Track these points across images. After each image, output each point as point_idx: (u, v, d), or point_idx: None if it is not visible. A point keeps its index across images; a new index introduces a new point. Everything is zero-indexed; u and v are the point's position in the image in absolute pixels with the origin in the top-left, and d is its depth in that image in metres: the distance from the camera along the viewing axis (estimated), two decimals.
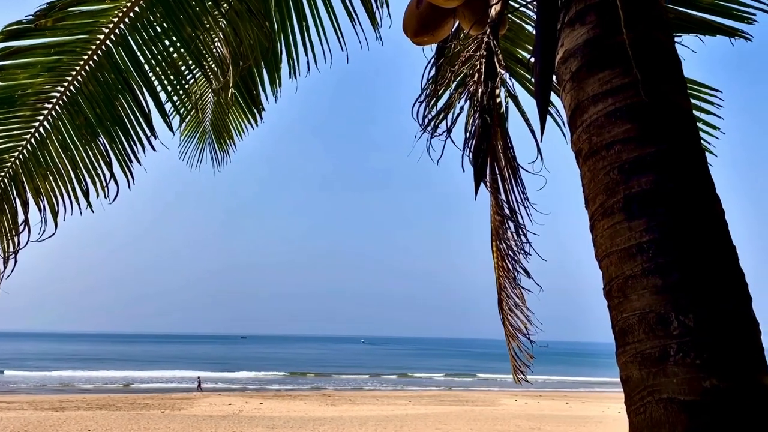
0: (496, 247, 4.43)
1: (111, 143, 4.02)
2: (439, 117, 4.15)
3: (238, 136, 5.37)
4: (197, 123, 5.55)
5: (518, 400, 37.46)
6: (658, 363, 1.99)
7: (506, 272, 4.40)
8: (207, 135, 5.60)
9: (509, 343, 4.60)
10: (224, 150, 5.54)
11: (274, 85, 4.54)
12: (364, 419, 25.92)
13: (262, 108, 4.78)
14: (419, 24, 3.64)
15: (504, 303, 4.52)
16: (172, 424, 23.63)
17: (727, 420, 1.91)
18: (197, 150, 5.67)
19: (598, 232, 2.23)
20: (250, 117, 5.03)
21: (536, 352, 4.50)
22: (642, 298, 2.05)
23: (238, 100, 4.94)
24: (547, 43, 2.40)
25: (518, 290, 4.36)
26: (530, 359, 4.55)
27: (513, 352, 4.61)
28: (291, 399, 36.21)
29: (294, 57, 4.36)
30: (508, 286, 4.42)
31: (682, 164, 2.14)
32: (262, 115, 4.90)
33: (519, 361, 4.63)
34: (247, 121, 5.11)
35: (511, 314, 4.47)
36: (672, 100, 2.22)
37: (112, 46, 3.85)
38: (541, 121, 2.48)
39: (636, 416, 2.06)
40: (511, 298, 4.44)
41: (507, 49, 4.56)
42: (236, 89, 4.76)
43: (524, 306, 4.37)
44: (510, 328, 4.52)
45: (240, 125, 5.26)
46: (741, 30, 3.87)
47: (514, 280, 4.35)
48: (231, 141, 5.45)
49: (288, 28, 4.29)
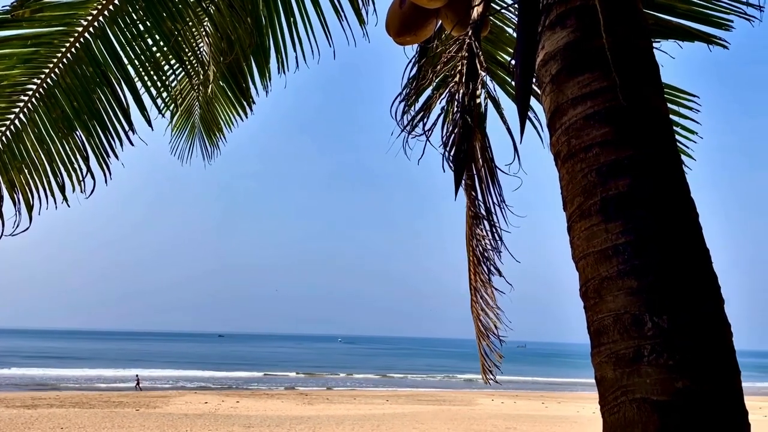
0: (471, 247, 4.46)
1: (88, 137, 3.97)
2: (418, 117, 4.17)
3: (227, 128, 5.39)
4: (187, 117, 5.54)
5: (495, 400, 37.67)
6: (632, 363, 2.02)
7: (480, 273, 4.42)
8: (197, 129, 5.59)
9: (479, 342, 4.63)
10: (214, 143, 5.56)
11: (264, 79, 4.55)
12: (341, 418, 25.89)
13: (252, 101, 4.79)
14: (402, 24, 3.65)
15: (476, 303, 4.55)
16: (146, 422, 23.39)
17: (697, 420, 1.94)
18: (187, 144, 5.68)
19: (576, 234, 2.25)
20: (239, 110, 5.04)
21: (514, 352, 4.54)
22: (617, 299, 2.08)
23: (227, 93, 4.95)
24: (528, 46, 2.42)
25: (490, 291, 4.39)
26: (500, 359, 4.58)
27: (483, 352, 4.64)
28: (268, 398, 36.03)
29: (282, 52, 4.36)
30: (481, 287, 4.45)
31: (658, 168, 2.17)
32: (252, 108, 4.92)
33: (489, 361, 4.66)
34: (237, 114, 5.13)
35: (483, 314, 4.50)
36: (649, 105, 2.25)
37: (90, 39, 3.80)
38: (521, 123, 2.49)
39: (610, 416, 2.09)
40: (484, 299, 4.46)
41: (488, 52, 4.59)
42: (225, 82, 4.78)
43: (495, 306, 4.40)
44: (481, 328, 4.54)
45: (229, 118, 5.27)
46: (718, 36, 3.94)
47: (489, 281, 4.37)
48: (221, 134, 5.47)
49: (276, 23, 4.28)
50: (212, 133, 5.48)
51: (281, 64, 4.41)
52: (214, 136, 5.50)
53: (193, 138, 5.65)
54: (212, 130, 5.46)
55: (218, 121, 5.36)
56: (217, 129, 5.42)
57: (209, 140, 5.55)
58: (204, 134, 5.55)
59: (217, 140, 5.52)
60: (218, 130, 5.43)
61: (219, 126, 5.39)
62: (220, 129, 5.41)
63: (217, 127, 5.40)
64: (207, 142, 5.58)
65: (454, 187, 3.68)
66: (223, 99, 5.09)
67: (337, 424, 24.22)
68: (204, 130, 5.53)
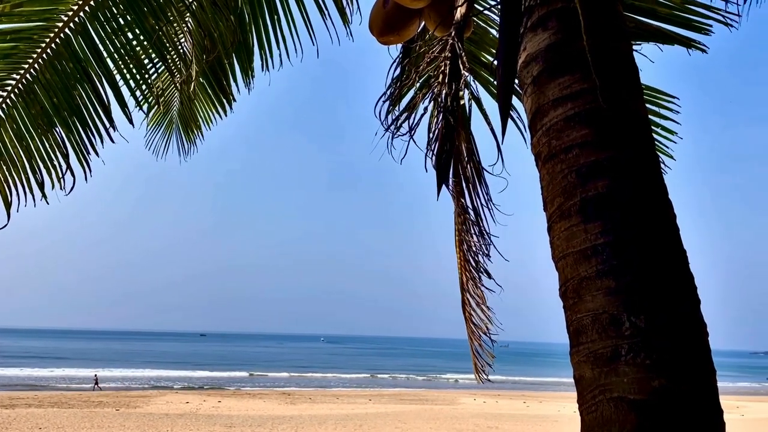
0: (460, 247, 4.47)
1: (68, 134, 3.93)
2: (402, 117, 4.17)
3: (206, 126, 5.35)
4: (165, 112, 5.49)
5: (477, 400, 37.82)
6: (609, 363, 2.04)
7: (469, 272, 4.44)
8: (174, 124, 5.54)
9: (471, 342, 4.65)
10: (191, 140, 5.51)
11: (247, 77, 4.52)
12: (324, 418, 25.84)
13: (233, 98, 4.76)
14: (385, 23, 3.65)
15: (467, 303, 4.56)
16: (127, 422, 23.17)
17: (673, 419, 1.97)
18: (164, 139, 5.62)
19: (555, 234, 2.27)
20: (219, 107, 5.01)
21: (497, 351, 4.55)
22: (596, 299, 2.10)
23: (207, 91, 4.92)
24: (510, 47, 2.43)
25: (480, 290, 4.41)
26: (491, 358, 4.60)
27: (475, 352, 4.65)
28: (250, 397, 35.85)
29: (266, 50, 4.34)
30: (471, 287, 4.47)
31: (636, 169, 2.20)
32: (232, 106, 4.89)
33: (481, 360, 4.68)
34: (216, 112, 5.09)
35: (474, 314, 4.52)
36: (629, 107, 2.27)
37: (71, 35, 3.77)
38: (502, 123, 2.51)
39: (588, 415, 2.11)
40: (474, 298, 4.48)
41: (471, 52, 4.60)
42: (205, 79, 4.74)
43: (486, 306, 4.42)
44: (472, 328, 4.56)
45: (208, 115, 5.23)
46: (697, 41, 3.99)
47: (478, 280, 4.39)
48: (199, 131, 5.42)
49: (259, 20, 4.27)
50: (190, 129, 5.44)
51: (265, 62, 4.40)
52: (192, 133, 5.45)
53: (170, 134, 5.60)
54: (190, 127, 5.42)
55: (197, 118, 5.31)
56: (195, 126, 5.38)
57: (186, 137, 5.51)
58: (181, 130, 5.51)
59: (195, 137, 5.48)
60: (196, 128, 5.39)
61: (197, 123, 5.35)
62: (198, 126, 5.37)
63: (196, 124, 5.36)
64: (184, 139, 5.54)
65: (437, 187, 3.69)
66: (202, 96, 5.05)
67: (320, 423, 24.16)
68: (181, 127, 5.49)
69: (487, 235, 4.22)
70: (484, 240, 4.23)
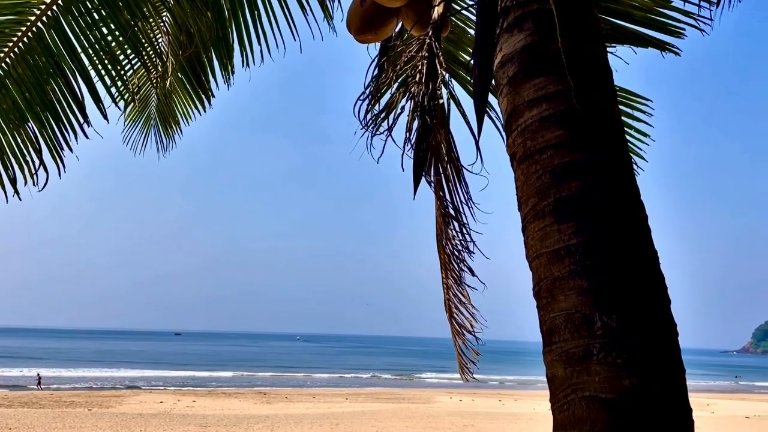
0: (442, 246, 4.49)
1: (41, 129, 3.87)
2: (381, 116, 4.17)
3: (185, 121, 5.31)
4: (142, 108, 5.43)
5: (453, 398, 37.97)
6: (581, 362, 2.07)
7: (452, 271, 4.45)
8: (152, 120, 5.49)
9: (455, 340, 4.67)
10: (170, 135, 5.46)
11: (227, 73, 4.49)
12: (300, 417, 25.74)
13: (212, 94, 4.73)
14: (363, 22, 3.65)
15: (450, 301, 4.58)
16: (99, 422, 22.85)
17: (644, 417, 2.00)
18: (142, 135, 5.57)
19: (530, 234, 2.29)
20: (198, 103, 4.97)
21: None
22: (569, 299, 2.12)
23: (186, 86, 4.88)
24: (486, 47, 2.45)
25: (463, 289, 4.42)
26: (476, 356, 4.62)
27: (459, 350, 4.67)
28: (225, 397, 35.57)
29: (247, 46, 4.32)
30: (454, 285, 4.48)
31: (609, 170, 2.22)
32: (211, 102, 4.86)
33: (465, 358, 4.70)
34: (195, 107, 5.06)
35: (457, 312, 4.53)
36: (602, 109, 2.30)
37: (43, 29, 3.71)
38: (478, 123, 2.53)
39: (560, 413, 2.13)
40: (457, 297, 4.49)
41: (450, 52, 4.62)
42: (184, 75, 4.71)
43: (469, 304, 4.44)
44: (456, 326, 4.58)
45: (187, 111, 5.19)
46: (671, 44, 4.05)
47: (460, 279, 4.41)
48: (177, 126, 5.37)
49: (239, 16, 4.24)
50: (168, 125, 5.39)
51: (245, 57, 4.38)
52: (171, 128, 5.41)
53: (148, 129, 5.55)
54: (168, 123, 5.37)
55: (175, 114, 5.27)
56: (173, 122, 5.34)
57: (165, 132, 5.46)
58: (159, 126, 5.46)
59: (173, 133, 5.44)
60: (175, 123, 5.34)
61: (176, 119, 5.31)
62: (177, 122, 5.33)
63: (174, 119, 5.32)
64: (162, 134, 5.49)
65: (413, 187, 3.70)
66: (181, 91, 5.01)
67: (296, 423, 24.07)
68: (160, 122, 5.44)
69: (468, 233, 4.24)
70: (465, 238, 4.25)
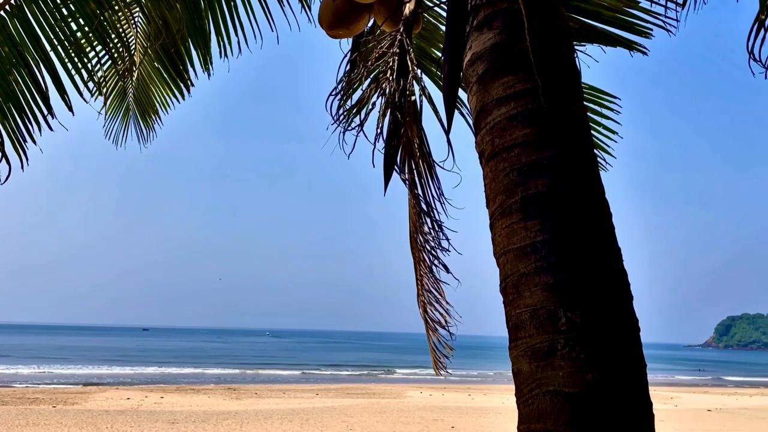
0: (416, 242, 4.51)
1: (3, 120, 3.79)
2: (353, 111, 4.17)
3: (163, 110, 5.29)
4: (121, 99, 5.41)
5: (423, 393, 38.14)
6: (546, 357, 2.10)
7: (425, 266, 4.48)
8: (131, 111, 5.45)
9: (429, 335, 4.69)
10: (149, 125, 5.43)
11: (206, 63, 4.47)
12: (270, 413, 25.62)
13: (191, 83, 4.71)
14: (335, 17, 3.64)
15: (423, 296, 4.60)
16: (64, 419, 22.45)
17: (606, 410, 2.04)
18: (122, 126, 5.54)
19: (497, 231, 2.32)
20: (176, 92, 4.95)
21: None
22: (534, 295, 2.16)
23: (163, 75, 4.86)
24: (456, 45, 2.46)
25: (437, 284, 4.45)
26: (450, 351, 4.65)
27: (433, 345, 4.70)
28: (194, 393, 35.22)
29: (224, 36, 4.30)
30: (427, 280, 4.51)
31: (575, 168, 2.26)
32: (190, 90, 4.84)
33: (439, 353, 4.73)
34: (173, 96, 5.04)
35: (431, 307, 4.56)
36: (569, 107, 2.34)
37: (6, 18, 3.63)
38: (447, 120, 2.54)
39: (525, 408, 2.17)
40: (431, 292, 4.52)
41: (422, 48, 4.64)
42: (161, 64, 4.69)
43: (443, 299, 4.46)
44: (430, 321, 4.60)
45: (165, 100, 5.17)
46: (639, 43, 4.12)
47: (431, 272, 4.43)
48: (156, 116, 5.35)
49: (215, 6, 4.21)
50: (147, 115, 5.39)
51: (222, 47, 4.36)
52: (150, 118, 5.40)
53: (128, 120, 5.52)
54: (147, 113, 5.36)
55: (153, 103, 5.26)
56: (152, 111, 5.33)
57: (144, 122, 5.46)
58: (138, 116, 5.44)
59: (152, 122, 5.44)
60: (153, 113, 5.34)
61: (155, 108, 5.30)
62: (155, 111, 5.32)
63: (153, 109, 5.31)
64: (142, 124, 5.48)
65: (384, 183, 3.71)
66: (159, 81, 5.00)
67: (266, 418, 23.94)
68: (138, 113, 5.42)
69: (441, 230, 4.26)
70: (438, 234, 4.28)
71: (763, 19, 3.00)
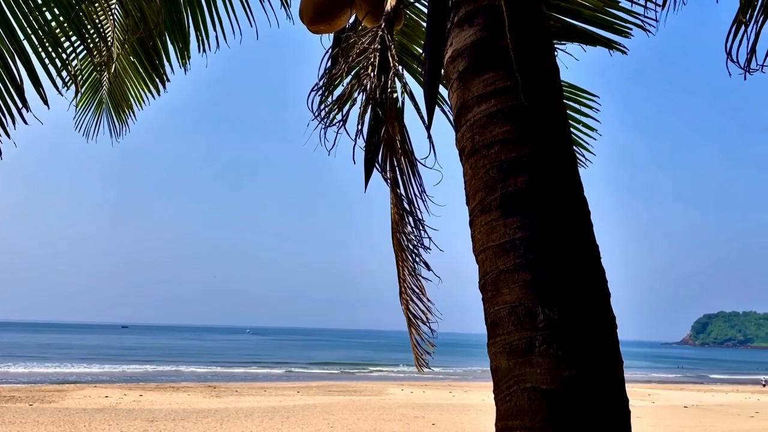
0: (397, 239, 4.50)
1: None
2: (334, 108, 4.14)
3: (138, 105, 5.23)
4: (94, 92, 5.32)
5: (404, 390, 38.21)
6: (524, 354, 2.11)
7: (406, 264, 4.47)
8: (104, 104, 5.37)
9: (411, 333, 4.69)
10: (123, 120, 5.36)
11: (183, 58, 4.43)
12: (250, 411, 25.50)
13: (166, 79, 4.67)
14: (316, 12, 3.61)
15: (404, 294, 4.60)
16: (41, 417, 22.15)
17: (582, 407, 2.05)
18: (94, 119, 5.45)
19: (477, 228, 2.31)
20: (152, 87, 4.90)
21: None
22: (513, 292, 2.16)
23: (139, 70, 4.81)
24: (437, 42, 2.45)
25: (419, 281, 4.45)
26: (432, 347, 4.66)
27: (415, 342, 4.70)
28: (173, 391, 34.93)
29: (202, 31, 4.26)
30: (408, 278, 4.50)
31: (554, 166, 2.26)
32: (166, 86, 4.80)
33: (421, 350, 4.73)
34: (149, 92, 5.00)
35: (413, 305, 4.56)
36: (548, 105, 2.34)
37: None
38: (428, 116, 2.53)
39: (503, 404, 2.17)
40: (414, 291, 4.52)
41: (404, 45, 4.62)
42: (137, 58, 4.63)
43: (425, 297, 4.47)
44: (412, 319, 4.60)
45: (140, 95, 5.10)
46: (618, 43, 4.15)
47: (414, 271, 4.43)
48: (130, 111, 5.28)
49: (194, 1, 4.17)
50: (121, 110, 5.32)
51: (201, 42, 4.32)
52: (123, 113, 5.33)
53: (100, 114, 5.44)
54: (121, 107, 5.29)
55: (128, 98, 5.20)
56: (126, 106, 5.26)
57: (117, 117, 5.38)
58: (112, 111, 5.36)
59: (126, 117, 5.37)
60: (128, 107, 5.27)
61: (129, 103, 5.24)
62: (129, 106, 5.26)
63: (127, 104, 5.24)
64: (115, 119, 5.40)
65: (365, 179, 3.70)
66: (134, 75, 4.94)
67: (246, 416, 23.83)
68: (112, 107, 5.34)
69: (422, 227, 4.26)
70: (419, 231, 4.27)
71: (741, 20, 3.03)
